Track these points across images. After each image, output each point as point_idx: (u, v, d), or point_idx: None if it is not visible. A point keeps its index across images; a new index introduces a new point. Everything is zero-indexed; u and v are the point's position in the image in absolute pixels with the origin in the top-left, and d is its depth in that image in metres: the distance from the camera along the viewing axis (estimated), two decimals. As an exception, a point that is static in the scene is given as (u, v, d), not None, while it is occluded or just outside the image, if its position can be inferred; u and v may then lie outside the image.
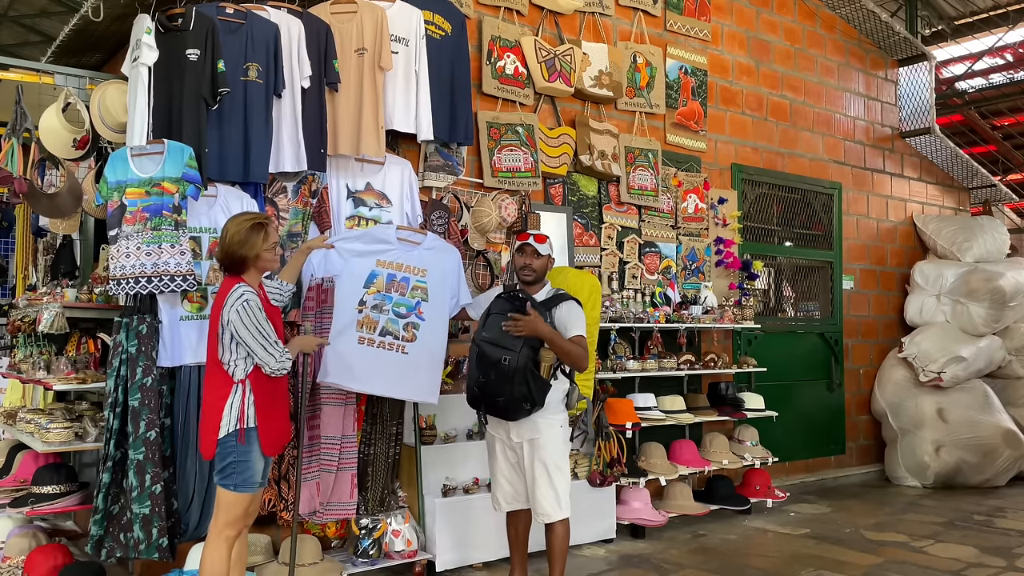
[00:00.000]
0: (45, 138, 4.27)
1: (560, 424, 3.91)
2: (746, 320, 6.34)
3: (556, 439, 3.88)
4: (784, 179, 7.34)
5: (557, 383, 3.85)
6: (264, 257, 3.34)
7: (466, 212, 5.10)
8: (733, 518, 5.98)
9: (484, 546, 4.61)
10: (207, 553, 3.25)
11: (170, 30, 3.92)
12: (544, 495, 3.85)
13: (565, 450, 3.95)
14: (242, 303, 3.18)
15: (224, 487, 3.23)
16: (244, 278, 3.31)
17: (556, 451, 3.88)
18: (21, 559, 3.86)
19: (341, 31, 4.41)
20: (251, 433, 3.21)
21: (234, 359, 3.23)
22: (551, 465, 3.85)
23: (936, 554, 5.14)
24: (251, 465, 3.24)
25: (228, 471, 3.22)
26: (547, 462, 3.84)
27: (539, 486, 3.85)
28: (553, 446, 3.86)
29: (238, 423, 3.20)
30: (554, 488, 3.85)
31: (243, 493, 3.25)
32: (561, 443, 3.92)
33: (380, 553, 4.25)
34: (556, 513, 3.86)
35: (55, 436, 3.75)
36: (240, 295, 3.19)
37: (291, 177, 4.33)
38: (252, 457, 3.23)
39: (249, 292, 3.22)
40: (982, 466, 7.23)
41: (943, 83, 11.45)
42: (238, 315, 3.17)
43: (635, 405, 5.49)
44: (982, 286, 7.55)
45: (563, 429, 3.93)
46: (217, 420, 3.21)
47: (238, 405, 3.22)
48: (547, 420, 3.85)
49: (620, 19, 6.24)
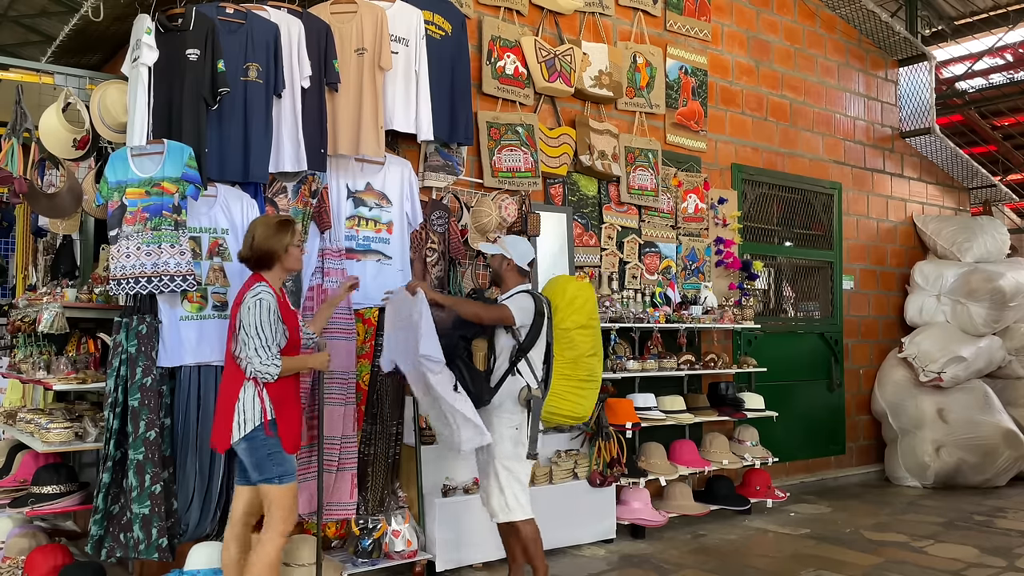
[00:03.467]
0: (45, 138, 4.26)
1: (514, 425, 3.96)
2: (746, 320, 6.34)
3: (505, 438, 3.95)
4: (784, 179, 7.34)
5: (513, 380, 3.92)
6: (291, 253, 3.44)
7: (466, 212, 5.10)
8: (733, 518, 5.98)
9: (484, 546, 4.61)
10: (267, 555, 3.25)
11: (170, 30, 3.92)
12: (491, 494, 3.97)
13: (516, 451, 3.97)
14: (256, 299, 3.25)
15: (269, 483, 3.27)
16: (266, 277, 3.38)
17: (504, 451, 3.95)
18: (21, 559, 3.86)
19: (341, 31, 4.41)
20: (273, 425, 3.27)
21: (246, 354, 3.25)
22: (499, 464, 3.95)
23: (936, 554, 5.14)
24: (284, 454, 3.30)
25: (267, 465, 3.26)
26: (495, 461, 3.95)
27: (489, 485, 3.98)
28: (502, 446, 3.95)
29: (261, 416, 3.24)
30: (500, 487, 3.94)
31: (288, 484, 3.30)
32: (511, 442, 3.96)
33: (380, 553, 4.25)
34: (503, 513, 3.95)
35: (55, 436, 3.75)
36: (257, 292, 3.27)
37: (291, 177, 4.33)
38: (283, 447, 3.29)
39: (266, 292, 3.28)
40: (982, 466, 7.23)
41: (943, 83, 11.45)
42: (248, 310, 3.23)
43: (635, 405, 5.49)
44: (982, 286, 7.55)
45: (517, 431, 3.96)
46: (231, 416, 3.25)
47: (255, 399, 3.25)
48: (499, 417, 3.95)
49: (620, 19, 6.24)
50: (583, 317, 4.29)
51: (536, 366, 4.01)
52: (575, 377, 4.26)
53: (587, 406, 4.35)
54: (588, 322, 4.33)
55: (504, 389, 3.94)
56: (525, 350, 3.96)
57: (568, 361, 4.23)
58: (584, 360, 4.30)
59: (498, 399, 3.94)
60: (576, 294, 4.33)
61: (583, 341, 4.28)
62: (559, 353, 4.18)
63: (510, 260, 4.10)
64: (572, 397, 4.26)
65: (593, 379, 4.36)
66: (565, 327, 4.21)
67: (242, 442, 3.26)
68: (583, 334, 4.29)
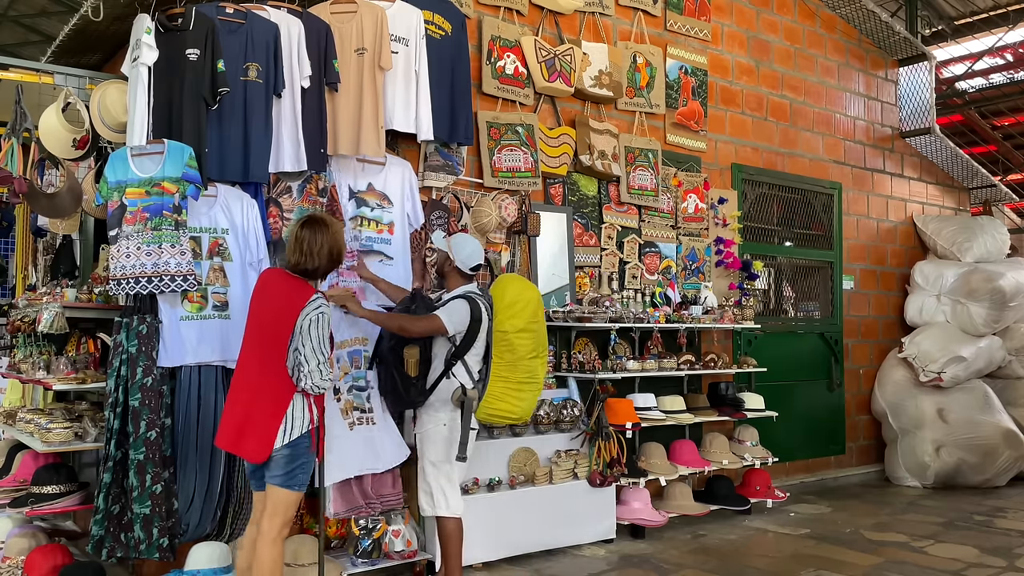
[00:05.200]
0: (45, 138, 4.26)
1: (443, 422, 4.00)
2: (746, 320, 6.33)
3: (435, 436, 4.02)
4: (784, 179, 7.34)
5: (448, 382, 3.97)
6: None
7: (466, 212, 5.10)
8: (733, 518, 5.98)
9: (484, 546, 4.61)
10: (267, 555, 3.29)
11: (170, 30, 3.92)
12: (420, 489, 4.07)
13: (445, 448, 4.01)
14: (319, 313, 3.30)
15: (289, 488, 3.31)
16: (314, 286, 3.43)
17: (433, 448, 4.02)
18: (21, 559, 3.86)
19: (341, 31, 4.41)
20: (317, 433, 3.36)
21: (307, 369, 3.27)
22: (426, 461, 4.03)
23: (936, 554, 5.14)
24: (313, 463, 3.41)
25: (297, 472, 3.31)
26: (423, 457, 4.04)
27: (418, 480, 4.07)
28: (431, 442, 4.02)
29: (308, 424, 3.31)
30: (427, 483, 4.02)
31: (301, 491, 3.38)
32: (441, 441, 4.01)
33: (380, 553, 4.25)
34: (429, 508, 4.03)
35: (55, 436, 3.75)
36: (318, 306, 3.32)
37: (295, 176, 4.33)
38: (313, 457, 3.39)
39: (326, 306, 3.36)
40: (982, 466, 7.23)
41: (943, 83, 11.45)
42: (311, 324, 3.27)
43: (635, 405, 5.49)
44: (982, 286, 7.55)
45: (446, 428, 4.00)
46: (275, 425, 3.25)
47: (305, 408, 3.31)
48: (430, 416, 4.03)
49: (620, 19, 6.24)
50: (522, 321, 4.23)
51: (472, 368, 4.01)
52: (513, 379, 4.24)
53: (526, 407, 4.35)
54: (528, 325, 4.26)
55: (439, 390, 3.99)
56: (460, 354, 3.98)
57: (506, 364, 4.21)
58: (524, 363, 4.26)
59: (432, 399, 4.01)
60: (516, 298, 4.26)
61: (522, 344, 4.24)
62: (497, 355, 4.17)
63: (452, 260, 4.10)
64: (510, 398, 4.24)
65: (534, 380, 4.33)
66: (504, 330, 4.19)
67: (285, 448, 3.27)
68: (522, 337, 4.24)
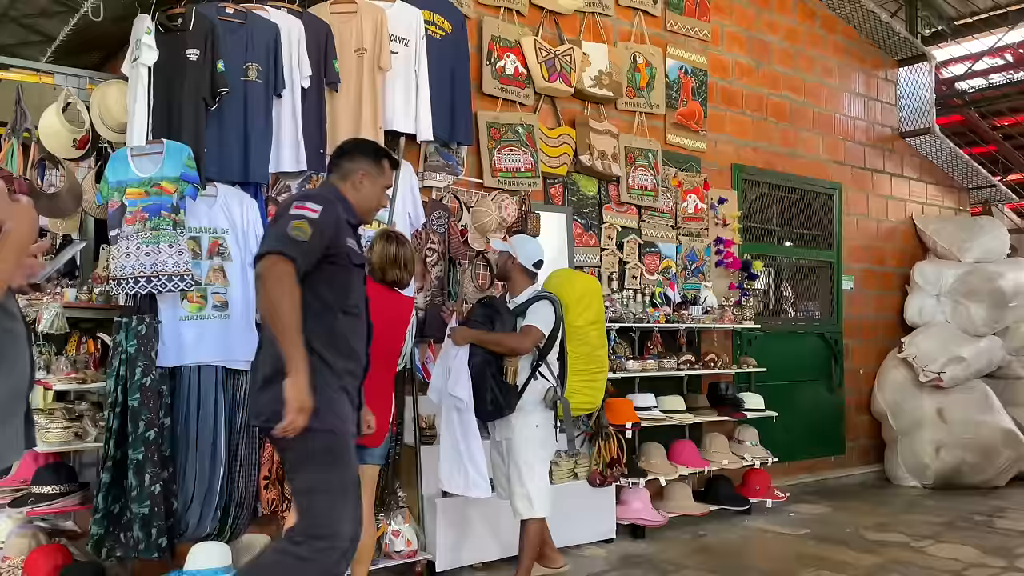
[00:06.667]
0: (45, 138, 4.26)
1: (535, 424, 4.00)
2: (746, 320, 6.33)
3: (529, 439, 4.00)
4: (784, 179, 7.34)
5: (535, 383, 3.96)
6: None
7: (466, 212, 5.10)
8: (733, 518, 5.98)
9: (484, 546, 4.61)
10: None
11: (170, 30, 3.92)
12: (515, 493, 4.02)
13: (540, 451, 4.02)
14: None
15: None
16: None
17: (528, 451, 4.00)
18: (21, 559, 3.86)
19: (341, 31, 4.41)
20: None
21: None
22: (522, 464, 3.99)
23: (936, 554, 5.14)
24: None
25: None
26: (518, 461, 4.00)
27: (512, 484, 4.02)
28: (525, 446, 4.00)
29: None
30: (524, 487, 3.99)
31: None
32: (535, 443, 4.01)
33: (380, 553, 4.25)
34: (527, 511, 3.99)
35: (55, 436, 3.74)
36: None
37: (294, 176, 4.33)
38: None
39: None
40: (982, 466, 7.23)
41: (943, 83, 11.44)
42: None
43: (635, 405, 5.48)
44: (982, 286, 7.55)
45: (538, 429, 4.01)
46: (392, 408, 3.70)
47: None
48: (522, 420, 3.99)
49: (620, 19, 6.23)
50: (592, 313, 4.38)
51: (553, 367, 4.06)
52: (588, 371, 4.32)
53: (598, 396, 4.46)
54: (598, 318, 4.42)
55: (528, 393, 3.99)
56: (543, 355, 4.01)
57: (582, 356, 4.28)
58: (596, 353, 4.39)
59: (521, 403, 4.00)
60: (584, 290, 4.41)
61: (595, 335, 4.38)
62: (573, 350, 4.22)
63: (515, 259, 4.11)
64: (586, 390, 4.34)
65: (603, 369, 4.47)
66: (579, 324, 4.26)
67: None
68: (594, 328, 4.38)
